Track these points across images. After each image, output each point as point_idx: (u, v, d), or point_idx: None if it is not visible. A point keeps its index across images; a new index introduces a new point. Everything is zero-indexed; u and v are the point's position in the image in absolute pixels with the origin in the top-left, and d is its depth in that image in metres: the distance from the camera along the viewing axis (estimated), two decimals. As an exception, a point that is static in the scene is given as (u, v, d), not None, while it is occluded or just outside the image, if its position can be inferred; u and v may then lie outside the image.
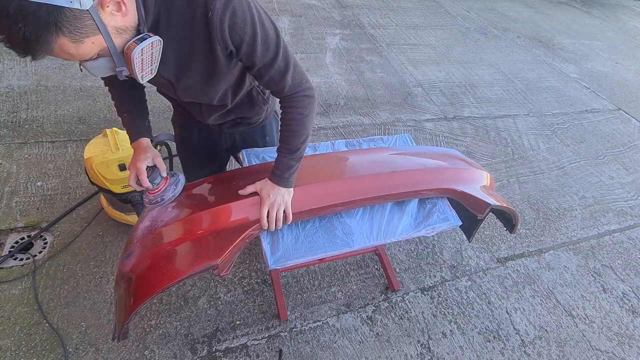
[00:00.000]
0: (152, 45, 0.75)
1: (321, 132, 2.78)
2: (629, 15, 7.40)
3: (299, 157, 1.05)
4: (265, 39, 0.86)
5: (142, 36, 0.74)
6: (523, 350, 1.73)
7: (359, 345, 1.64)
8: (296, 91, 0.96)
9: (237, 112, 1.19)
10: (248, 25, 0.81)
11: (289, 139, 1.02)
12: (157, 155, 1.10)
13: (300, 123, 1.00)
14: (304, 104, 0.99)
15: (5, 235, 1.76)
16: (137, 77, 0.78)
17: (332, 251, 1.15)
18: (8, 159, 2.11)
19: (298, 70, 0.95)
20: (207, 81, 0.96)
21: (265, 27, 0.85)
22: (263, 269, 1.84)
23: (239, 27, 0.80)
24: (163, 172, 1.09)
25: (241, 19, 0.80)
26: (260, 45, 0.85)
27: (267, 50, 0.87)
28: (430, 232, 1.24)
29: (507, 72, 4.19)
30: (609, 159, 3.15)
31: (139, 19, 0.74)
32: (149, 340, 1.52)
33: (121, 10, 0.68)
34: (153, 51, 0.77)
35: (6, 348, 1.41)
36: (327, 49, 3.87)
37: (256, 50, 0.86)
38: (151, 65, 0.80)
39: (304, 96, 0.98)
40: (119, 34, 0.71)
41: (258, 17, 0.83)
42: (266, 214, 1.05)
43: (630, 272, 2.22)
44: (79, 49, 0.66)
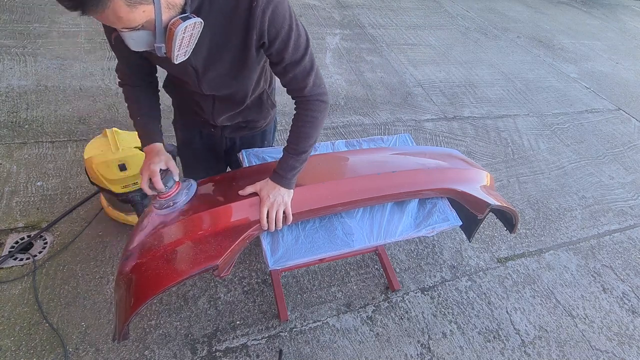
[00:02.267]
0: (195, 25, 0.77)
1: (321, 132, 2.78)
2: (629, 15, 7.40)
3: (304, 160, 1.07)
4: (298, 37, 0.90)
5: (186, 15, 0.76)
6: (523, 350, 1.73)
7: (359, 345, 1.64)
8: (314, 94, 1.00)
9: (245, 114, 1.21)
10: (287, 22, 0.86)
11: (298, 140, 1.04)
12: (170, 159, 1.08)
13: (313, 126, 1.03)
14: (319, 108, 1.02)
15: (5, 235, 1.76)
16: (173, 55, 0.78)
17: (333, 251, 1.15)
18: (8, 159, 2.11)
19: (319, 75, 1.00)
20: (234, 72, 0.99)
21: (299, 27, 0.91)
22: (263, 269, 1.84)
23: (279, 21, 0.85)
24: (176, 176, 1.07)
25: (282, 14, 0.85)
26: (293, 42, 0.90)
27: (297, 48, 0.92)
28: (430, 232, 1.24)
29: (507, 72, 4.19)
30: (609, 159, 3.15)
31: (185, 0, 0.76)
32: (149, 340, 1.52)
33: None
34: (193, 32, 0.78)
35: (6, 348, 1.41)
36: (327, 49, 3.87)
37: (288, 47, 0.90)
38: (188, 46, 0.81)
39: (320, 101, 1.02)
40: (168, 8, 0.73)
41: (295, 18, 0.89)
42: (266, 214, 1.05)
43: (630, 272, 2.22)
44: (130, 14, 0.67)
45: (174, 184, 1.06)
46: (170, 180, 1.05)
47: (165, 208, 1.06)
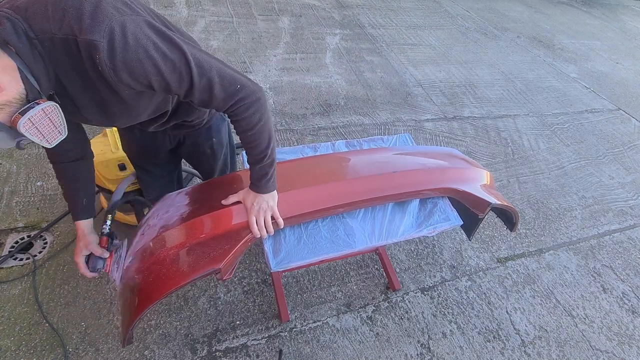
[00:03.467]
0: (44, 111, 0.72)
1: (321, 132, 2.78)
2: (629, 15, 7.40)
3: (270, 163, 1.00)
4: (172, 68, 0.78)
5: (29, 105, 0.71)
6: (523, 350, 1.73)
7: (359, 345, 1.63)
8: (234, 101, 0.88)
9: (176, 117, 1.14)
10: (146, 65, 0.74)
11: (250, 149, 0.97)
12: (90, 242, 1.08)
13: (255, 132, 0.93)
14: (249, 112, 0.90)
15: (5, 235, 1.76)
16: (41, 143, 0.75)
17: (335, 252, 1.15)
18: (8, 159, 2.11)
19: (227, 80, 0.85)
20: (132, 114, 0.93)
21: (167, 55, 0.76)
22: (263, 269, 1.84)
23: (138, 70, 0.74)
24: (104, 254, 1.08)
25: (136, 61, 0.73)
26: (169, 77, 0.78)
27: (180, 78, 0.80)
28: (431, 232, 1.24)
29: (507, 72, 4.19)
30: (609, 159, 3.15)
31: (27, 88, 0.71)
32: (149, 340, 1.52)
33: None
34: (50, 116, 0.74)
35: (6, 348, 1.41)
36: (327, 49, 3.87)
37: (169, 83, 0.79)
38: (55, 128, 0.77)
39: (246, 104, 0.89)
40: (0, 109, 0.69)
41: (155, 49, 0.74)
42: (254, 222, 1.04)
43: (630, 272, 2.22)
44: None
45: (104, 262, 1.09)
46: (97, 263, 1.08)
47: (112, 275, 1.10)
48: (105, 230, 1.12)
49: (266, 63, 3.44)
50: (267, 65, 3.41)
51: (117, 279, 1.08)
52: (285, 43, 3.82)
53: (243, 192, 1.08)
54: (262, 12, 4.32)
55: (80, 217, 1.10)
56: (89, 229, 1.11)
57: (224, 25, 3.89)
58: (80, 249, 1.08)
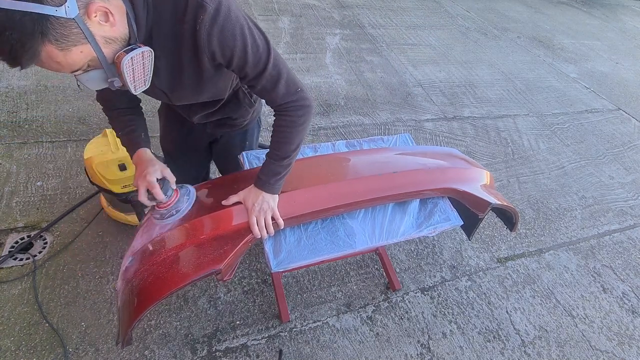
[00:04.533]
0: (143, 55, 0.76)
1: (321, 132, 2.78)
2: (629, 15, 7.40)
3: (288, 165, 1.03)
4: (256, 50, 0.85)
5: (131, 47, 0.75)
6: (523, 350, 1.74)
7: (359, 345, 1.64)
8: (290, 100, 0.95)
9: (222, 112, 1.19)
10: (238, 39, 0.81)
11: (279, 145, 1.00)
12: (165, 167, 1.06)
13: (293, 131, 0.98)
14: (299, 113, 0.97)
15: (5, 235, 1.76)
16: (129, 87, 0.78)
17: (335, 253, 1.15)
18: (8, 159, 2.11)
19: (291, 80, 0.94)
20: (200, 88, 0.97)
21: (255, 38, 0.85)
22: (263, 269, 1.84)
23: (229, 41, 0.81)
24: (173, 184, 1.06)
25: (230, 32, 0.80)
26: (251, 57, 0.85)
27: (257, 61, 0.87)
28: (432, 232, 1.24)
29: (507, 72, 4.19)
30: (609, 159, 3.15)
31: (129, 32, 0.75)
32: (149, 340, 1.52)
33: (109, 20, 0.69)
34: (144, 61, 0.78)
35: (6, 348, 1.41)
36: (327, 49, 3.87)
37: (248, 63, 0.86)
38: (144, 75, 0.80)
39: (298, 105, 0.96)
40: (108, 43, 0.71)
41: (248, 30, 0.83)
42: (255, 222, 1.04)
43: (630, 272, 2.22)
44: (67, 57, 0.67)
45: (173, 192, 1.05)
46: (169, 189, 1.03)
47: (168, 217, 1.05)
48: None
49: (266, 63, 3.44)
50: (267, 65, 3.40)
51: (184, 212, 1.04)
52: (285, 43, 3.82)
53: (244, 192, 1.08)
54: (262, 12, 4.32)
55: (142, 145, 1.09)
56: (153, 157, 1.08)
57: (224, 25, 3.89)
58: (153, 170, 1.01)
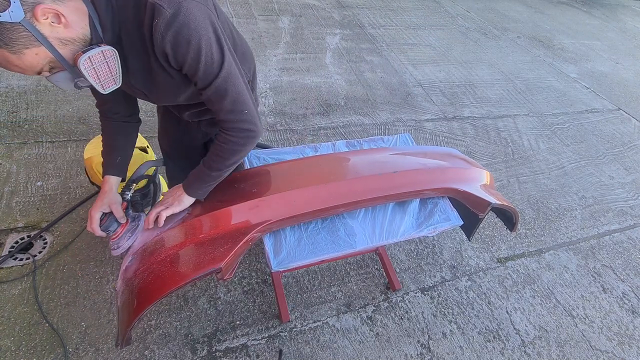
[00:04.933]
0: (104, 54, 0.76)
1: (321, 132, 2.78)
2: (629, 15, 7.40)
3: (217, 177, 1.05)
4: (210, 63, 0.84)
5: (91, 46, 0.76)
6: (523, 350, 1.73)
7: (359, 345, 1.63)
8: (233, 119, 0.94)
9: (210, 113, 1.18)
10: (192, 48, 0.80)
11: (214, 157, 1.01)
12: (115, 201, 1.08)
13: (229, 151, 0.98)
14: (240, 135, 0.96)
15: (5, 235, 1.76)
16: (95, 86, 0.79)
17: (335, 252, 1.15)
18: (8, 159, 2.11)
19: (240, 100, 0.92)
20: (174, 90, 0.97)
21: (212, 51, 0.83)
22: (263, 268, 1.84)
23: (181, 48, 0.80)
24: (121, 218, 1.07)
25: (184, 40, 0.79)
26: (202, 68, 0.84)
27: (208, 74, 0.86)
28: (432, 232, 1.24)
29: (507, 72, 4.19)
30: (609, 159, 3.15)
31: (91, 33, 0.76)
32: (149, 340, 1.52)
33: (61, 22, 0.69)
34: (107, 60, 0.78)
35: (6, 348, 1.41)
36: (327, 49, 3.87)
37: (198, 72, 0.85)
38: (111, 74, 0.81)
39: (240, 128, 0.95)
40: (64, 45, 0.72)
41: (206, 41, 0.81)
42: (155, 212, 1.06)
43: (630, 272, 2.22)
44: (23, 59, 0.68)
45: (117, 227, 1.06)
46: (111, 224, 1.05)
47: (114, 250, 1.08)
48: (127, 196, 1.13)
49: (266, 63, 3.44)
50: (267, 65, 3.41)
51: (124, 248, 1.07)
52: (285, 43, 3.82)
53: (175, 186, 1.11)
54: (262, 12, 4.32)
55: (109, 172, 1.12)
56: (116, 188, 1.12)
57: (224, 25, 3.89)
58: (102, 204, 1.06)
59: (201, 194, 1.08)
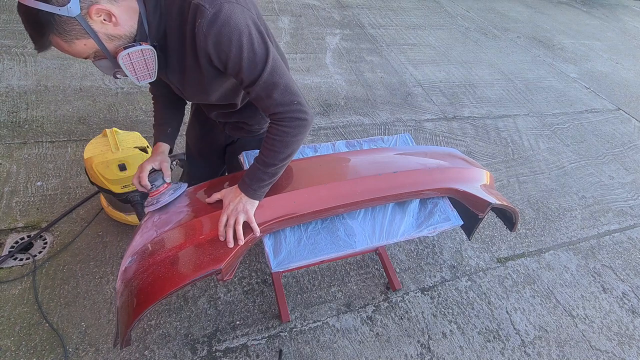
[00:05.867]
0: (142, 52, 0.84)
1: (321, 132, 2.78)
2: (629, 15, 7.40)
3: (273, 174, 1.02)
4: (253, 57, 0.86)
5: (132, 44, 0.83)
6: (523, 350, 1.74)
7: (359, 345, 1.63)
8: (284, 110, 0.93)
9: (238, 116, 1.23)
10: (234, 45, 0.83)
11: (268, 152, 0.99)
12: (166, 160, 1.15)
13: (283, 143, 0.96)
14: (292, 124, 0.95)
15: (5, 235, 1.76)
16: (131, 78, 0.86)
17: (335, 253, 1.15)
18: (8, 159, 2.11)
19: (290, 91, 0.93)
20: (206, 88, 1.00)
21: (254, 46, 0.85)
22: (263, 269, 1.84)
23: (224, 46, 0.83)
24: (167, 177, 1.13)
25: (227, 36, 0.81)
26: (246, 64, 0.86)
27: (254, 68, 0.88)
28: (432, 232, 1.24)
29: (507, 72, 4.19)
30: (609, 159, 3.15)
31: (138, 31, 0.83)
32: (149, 340, 1.52)
33: (112, 20, 0.77)
34: (145, 57, 0.85)
35: (6, 348, 1.41)
36: (327, 49, 3.87)
37: (242, 69, 0.87)
38: (147, 70, 0.88)
39: (293, 117, 0.94)
40: (110, 40, 0.80)
41: (247, 36, 0.84)
42: (224, 222, 1.02)
43: (630, 272, 2.22)
44: (72, 47, 0.77)
45: (162, 184, 1.11)
46: (158, 179, 1.10)
47: (150, 205, 1.11)
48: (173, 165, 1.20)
49: (266, 63, 3.44)
50: (267, 65, 3.40)
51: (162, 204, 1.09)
52: (285, 43, 3.82)
53: (226, 190, 1.08)
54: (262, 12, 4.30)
55: (161, 139, 1.20)
56: (167, 153, 1.20)
57: (224, 25, 3.89)
58: (152, 160, 1.14)
59: (260, 194, 1.04)
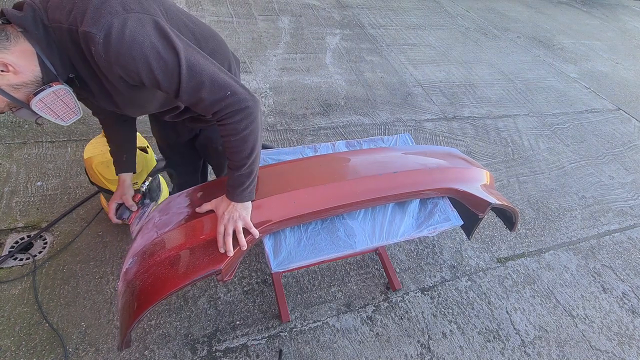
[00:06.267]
0: (56, 93, 0.80)
1: (321, 132, 2.78)
2: (629, 15, 7.40)
3: (249, 172, 0.99)
4: (164, 67, 0.80)
5: (42, 87, 0.79)
6: (523, 350, 1.73)
7: (359, 345, 1.63)
8: (221, 107, 0.88)
9: (189, 112, 1.19)
10: (138, 61, 0.77)
11: (230, 155, 0.96)
12: (126, 192, 1.26)
13: (238, 139, 0.92)
14: (236, 118, 0.89)
15: (5, 235, 1.76)
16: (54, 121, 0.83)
17: (335, 253, 1.15)
18: (8, 159, 2.11)
19: (217, 84, 0.85)
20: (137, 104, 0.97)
21: (161, 54, 0.78)
22: (263, 269, 1.84)
23: (130, 65, 0.77)
24: (132, 207, 1.25)
25: (128, 56, 0.76)
26: (160, 75, 0.80)
27: (170, 77, 0.82)
28: (432, 232, 1.24)
29: (507, 72, 4.19)
30: (609, 159, 3.15)
31: (42, 72, 0.78)
32: (149, 340, 1.52)
33: (9, 70, 0.74)
34: (62, 97, 0.81)
35: (6, 348, 1.41)
36: (327, 49, 3.87)
37: (159, 81, 0.82)
38: (69, 109, 0.85)
39: (232, 111, 0.88)
40: (16, 89, 0.77)
41: (150, 46, 0.77)
42: (222, 232, 1.01)
43: (630, 272, 2.22)
44: None
45: (130, 214, 1.25)
46: (124, 213, 1.24)
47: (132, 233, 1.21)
48: (142, 188, 1.29)
49: (266, 63, 3.44)
50: (267, 65, 3.41)
51: (135, 232, 1.18)
52: (285, 43, 3.82)
53: (216, 200, 1.06)
54: (262, 12, 4.31)
55: (121, 170, 1.27)
56: (128, 183, 1.27)
57: (224, 25, 3.89)
58: (115, 197, 1.25)
59: (249, 195, 1.02)
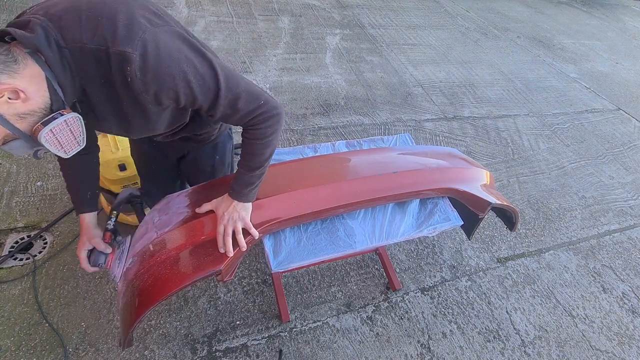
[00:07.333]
0: (67, 122, 0.73)
1: (321, 132, 2.78)
2: (629, 15, 7.40)
3: (260, 174, 1.00)
4: (202, 82, 0.78)
5: (52, 116, 0.72)
6: (523, 350, 1.74)
7: (359, 345, 1.63)
8: (255, 115, 0.89)
9: (185, 130, 1.13)
10: (177, 78, 0.75)
11: (250, 157, 0.97)
12: (93, 236, 1.07)
13: (263, 144, 0.94)
14: (266, 125, 0.91)
15: (5, 235, 1.76)
16: (57, 153, 0.76)
17: (335, 253, 1.15)
18: (8, 159, 2.11)
19: (252, 95, 0.87)
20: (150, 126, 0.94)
21: (197, 69, 0.77)
22: (263, 269, 1.84)
23: (168, 84, 0.75)
24: (105, 249, 1.08)
25: (167, 74, 0.73)
26: (198, 91, 0.79)
27: (207, 92, 0.81)
28: (432, 232, 1.24)
29: (507, 72, 4.19)
30: (609, 159, 3.15)
31: (51, 97, 0.71)
32: (149, 340, 1.52)
33: (20, 97, 0.66)
34: (71, 127, 0.75)
35: (6, 348, 1.41)
36: (327, 49, 3.87)
37: (197, 97, 0.80)
38: (74, 139, 0.78)
39: (264, 118, 0.90)
40: (22, 119, 0.69)
41: (186, 62, 0.75)
42: (222, 232, 1.00)
43: (630, 272, 2.22)
44: None
45: (106, 258, 1.08)
46: (99, 258, 1.07)
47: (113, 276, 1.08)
48: (109, 226, 1.11)
49: (266, 63, 3.44)
50: (267, 65, 3.41)
51: (118, 275, 1.07)
52: (285, 43, 3.82)
53: (217, 200, 1.06)
54: (262, 12, 4.31)
55: (83, 210, 1.09)
56: (93, 223, 1.10)
57: (223, 25, 3.89)
58: (83, 243, 1.06)
59: (252, 196, 1.03)
